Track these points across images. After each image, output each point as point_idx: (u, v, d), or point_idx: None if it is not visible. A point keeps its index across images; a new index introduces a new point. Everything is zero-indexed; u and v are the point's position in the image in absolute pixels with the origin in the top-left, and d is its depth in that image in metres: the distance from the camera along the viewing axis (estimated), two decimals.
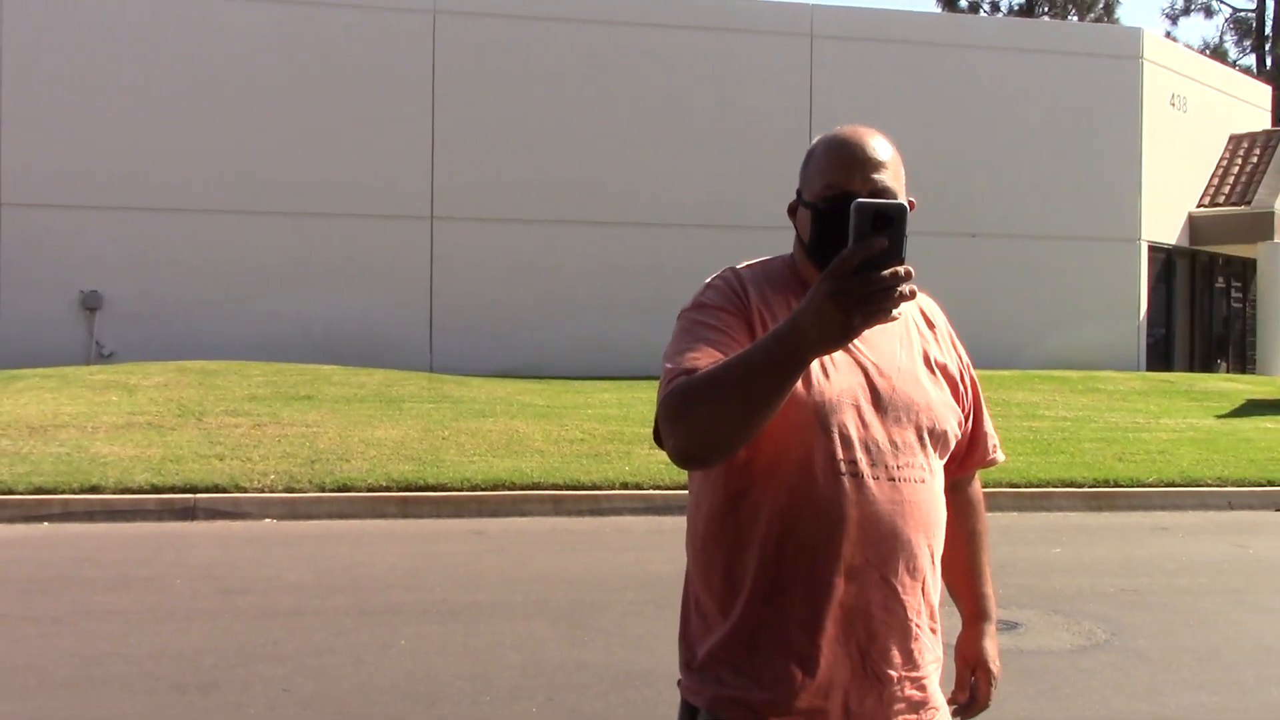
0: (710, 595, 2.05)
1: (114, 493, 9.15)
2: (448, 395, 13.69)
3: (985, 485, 2.22)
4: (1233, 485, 11.06)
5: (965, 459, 2.28)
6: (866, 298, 1.65)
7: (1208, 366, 23.02)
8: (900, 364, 2.07)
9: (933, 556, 2.06)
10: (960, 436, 2.18)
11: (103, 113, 16.35)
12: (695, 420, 1.87)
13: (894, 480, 1.99)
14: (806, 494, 1.97)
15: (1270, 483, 11.19)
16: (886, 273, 1.64)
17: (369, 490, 9.59)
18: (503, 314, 17.51)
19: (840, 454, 1.97)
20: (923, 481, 2.03)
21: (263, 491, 9.40)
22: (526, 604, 6.58)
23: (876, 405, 2.01)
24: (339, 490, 9.55)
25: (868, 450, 1.98)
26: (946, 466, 2.17)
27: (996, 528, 2.26)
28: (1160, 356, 21.80)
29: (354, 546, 8.25)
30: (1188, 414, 14.96)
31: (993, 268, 19.51)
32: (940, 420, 2.07)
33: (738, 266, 2.14)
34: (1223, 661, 5.73)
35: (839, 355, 1.98)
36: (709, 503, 2.07)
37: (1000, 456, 2.35)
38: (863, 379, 2.02)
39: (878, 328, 1.78)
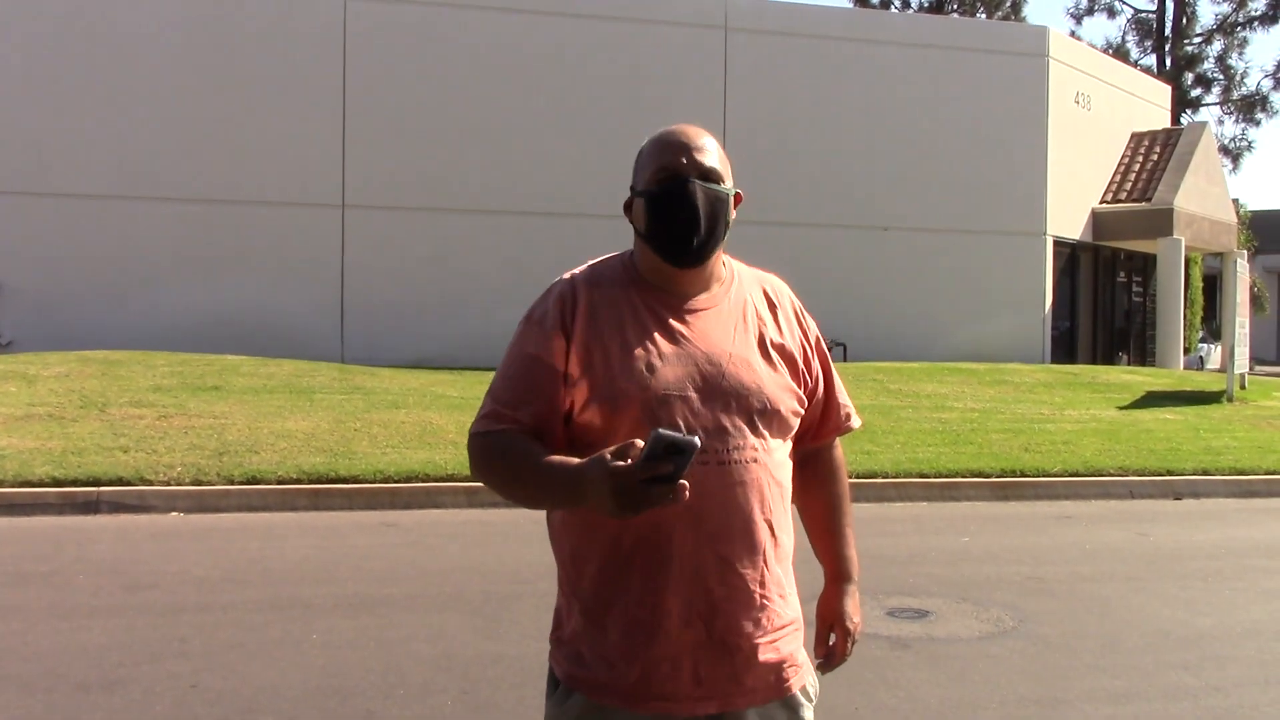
0: (566, 578, 2.22)
1: (12, 486, 8.89)
2: (359, 386, 13.52)
3: (896, 475, 2.29)
4: (1133, 475, 11.36)
5: (819, 429, 2.41)
6: (640, 503, 1.87)
7: (1110, 359, 23.61)
8: (732, 349, 2.19)
9: (772, 529, 2.17)
10: (802, 411, 2.29)
11: (3, 98, 15.87)
12: (489, 481, 2.18)
13: (724, 464, 2.11)
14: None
15: (1169, 472, 11.51)
16: (661, 492, 1.86)
17: (279, 482, 9.44)
18: (415, 304, 17.35)
19: None
20: (755, 461, 2.14)
21: (169, 484, 9.21)
22: (440, 596, 6.53)
23: (705, 394, 2.13)
24: (248, 482, 9.39)
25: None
26: (801, 437, 2.35)
27: (908, 517, 2.32)
28: (1064, 349, 22.31)
29: (264, 540, 8.11)
30: (1091, 405, 15.33)
31: (903, 261, 19.80)
32: (773, 400, 2.19)
33: (575, 272, 2.28)
34: (1124, 647, 5.88)
35: (668, 349, 2.15)
36: None
37: (855, 424, 2.48)
38: (693, 369, 2.14)
39: (712, 318, 2.18)
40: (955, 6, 42.79)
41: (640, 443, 1.88)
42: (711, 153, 2.22)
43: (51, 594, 6.42)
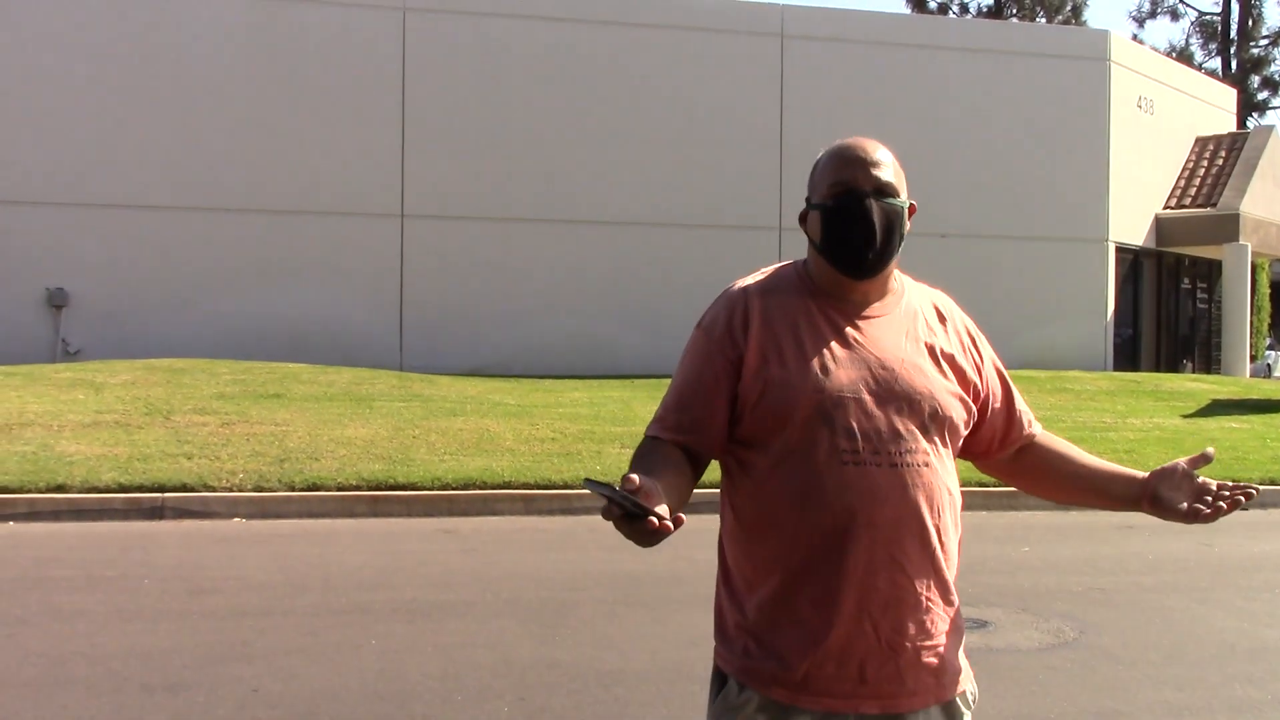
0: (739, 573, 2.23)
1: (80, 492, 9.07)
2: (417, 394, 13.64)
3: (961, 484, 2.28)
4: None
5: (1004, 437, 2.44)
6: (633, 539, 1.91)
7: (1174, 367, 23.24)
8: (904, 355, 2.23)
9: (939, 533, 2.18)
10: (970, 421, 2.31)
11: (69, 109, 16.21)
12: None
13: (896, 466, 2.14)
14: (815, 483, 2.13)
15: (1234, 481, 11.30)
16: (636, 529, 1.88)
17: (338, 489, 9.55)
18: (473, 312, 17.47)
19: (843, 445, 2.13)
20: (927, 465, 2.17)
21: (231, 490, 9.35)
22: (497, 603, 6.57)
23: (878, 397, 2.17)
24: (308, 489, 9.50)
25: (869, 440, 2.14)
26: (989, 449, 2.42)
27: (967, 526, 2.29)
28: (1127, 356, 21.99)
29: (323, 546, 8.21)
30: (1154, 414, 15.10)
31: (962, 268, 19.57)
32: (944, 406, 2.22)
33: (747, 281, 2.33)
34: (1187, 659, 5.78)
35: (842, 352, 2.20)
36: (736, 492, 2.25)
37: (1037, 430, 2.49)
38: (866, 373, 2.18)
39: (884, 325, 2.24)
40: (1014, 11, 42.40)
41: (635, 478, 1.91)
42: (887, 167, 2.24)
43: (118, 598, 6.54)
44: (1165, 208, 22.80)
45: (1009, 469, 2.49)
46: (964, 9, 42.79)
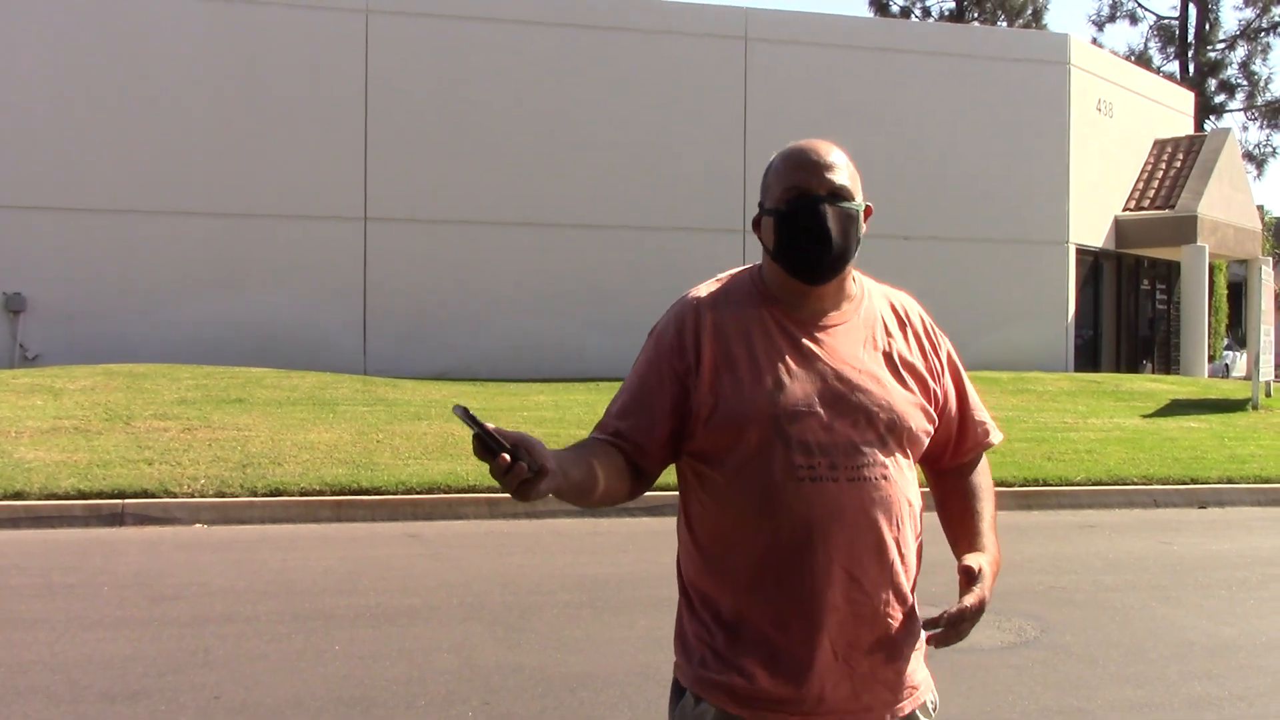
0: (696, 587, 2.21)
1: (39, 498, 8.97)
2: (382, 398, 13.58)
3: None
4: (1157, 484, 11.30)
5: (957, 446, 2.38)
6: (495, 478, 1.88)
7: (1134, 367, 23.48)
8: (862, 366, 2.19)
9: (899, 545, 2.15)
10: (932, 430, 2.27)
11: (26, 111, 16.03)
12: None
13: (853, 480, 2.11)
14: (770, 500, 2.10)
15: (1193, 481, 11.44)
16: (494, 466, 1.86)
17: (302, 494, 9.49)
18: (437, 316, 17.41)
19: (799, 460, 2.09)
20: (885, 478, 2.13)
21: (193, 496, 9.27)
22: (462, 607, 6.55)
23: (836, 409, 2.13)
24: (271, 494, 9.44)
25: (826, 454, 2.10)
26: (940, 456, 2.35)
27: (928, 525, 2.30)
28: (1088, 357, 22.20)
29: (287, 551, 8.16)
30: (1114, 414, 15.25)
31: (924, 270, 19.69)
32: (903, 417, 2.18)
33: (700, 292, 2.27)
34: (1147, 657, 5.85)
35: (797, 365, 2.15)
36: (692, 506, 2.23)
37: (995, 439, 2.43)
38: (822, 386, 2.14)
39: (842, 334, 2.19)
40: (976, 15, 42.73)
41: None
42: (842, 169, 2.20)
43: (77, 605, 6.47)
44: (1124, 210, 23.05)
45: (935, 484, 2.41)
46: (926, 13, 43.09)
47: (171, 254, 16.44)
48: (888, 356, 2.23)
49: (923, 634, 2.25)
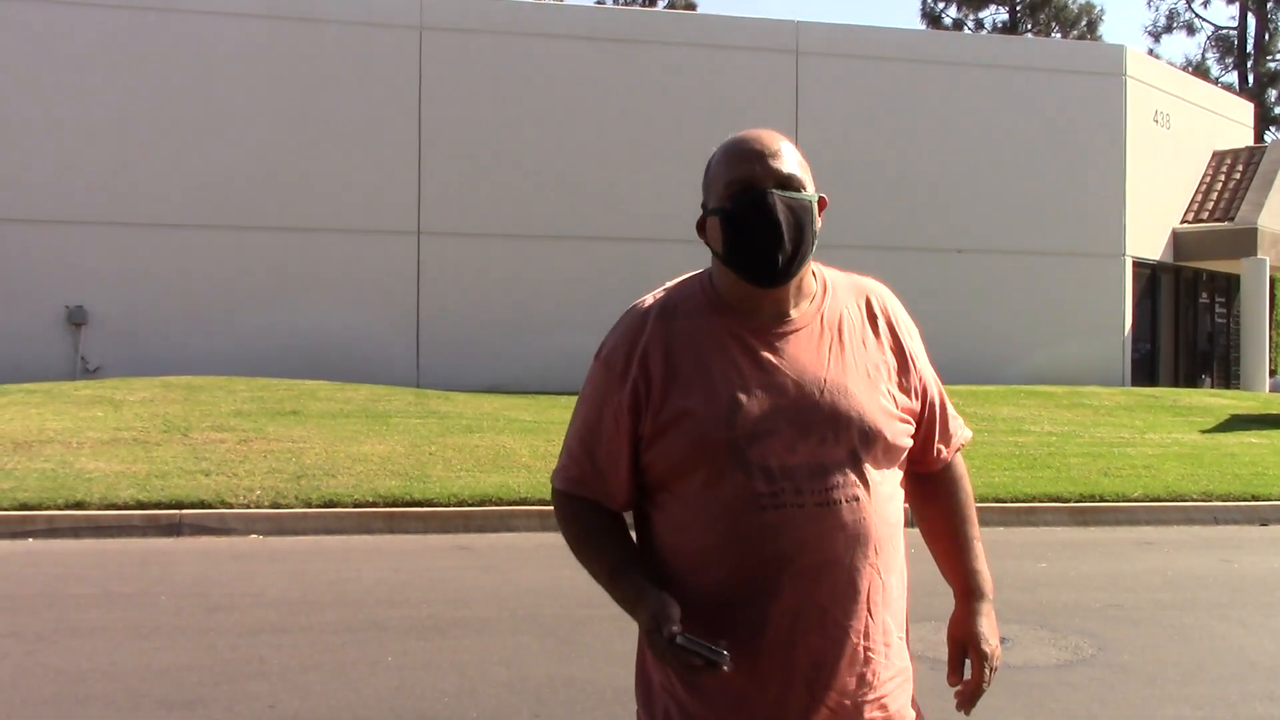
0: None
1: (99, 509, 9.11)
2: (434, 410, 13.67)
3: (975, 500, 2.22)
4: (1217, 500, 11.11)
5: (943, 443, 2.23)
6: (675, 670, 1.87)
7: (1192, 382, 23.13)
8: (827, 375, 1.99)
9: (878, 571, 1.97)
10: (911, 433, 2.10)
11: (89, 127, 16.33)
12: (566, 540, 2.12)
13: (822, 505, 1.92)
14: (730, 533, 1.92)
15: (1254, 497, 11.24)
16: (696, 668, 1.85)
17: (355, 506, 9.57)
18: (489, 329, 17.50)
19: (760, 488, 1.91)
20: (856, 500, 1.94)
21: (248, 507, 9.37)
22: (513, 620, 6.57)
23: (800, 427, 1.94)
24: (325, 506, 9.52)
25: (790, 479, 1.92)
26: (915, 459, 2.14)
27: (984, 542, 2.26)
28: (1145, 372, 21.90)
29: (340, 562, 8.22)
30: (1173, 429, 15.02)
31: (978, 283, 19.59)
32: (876, 426, 1.99)
33: (648, 302, 2.09)
34: (1207, 676, 5.74)
35: (756, 381, 1.95)
36: (648, 539, 2.07)
37: (965, 436, 2.28)
38: (783, 401, 1.95)
39: (803, 340, 1.98)
40: (1030, 27, 42.40)
41: (675, 613, 1.88)
42: (788, 157, 1.99)
43: (135, 615, 6.56)
44: (1182, 222, 22.73)
45: (912, 491, 2.22)
46: (979, 25, 42.81)
47: (229, 268, 16.67)
48: (856, 359, 2.03)
49: (909, 668, 2.09)
